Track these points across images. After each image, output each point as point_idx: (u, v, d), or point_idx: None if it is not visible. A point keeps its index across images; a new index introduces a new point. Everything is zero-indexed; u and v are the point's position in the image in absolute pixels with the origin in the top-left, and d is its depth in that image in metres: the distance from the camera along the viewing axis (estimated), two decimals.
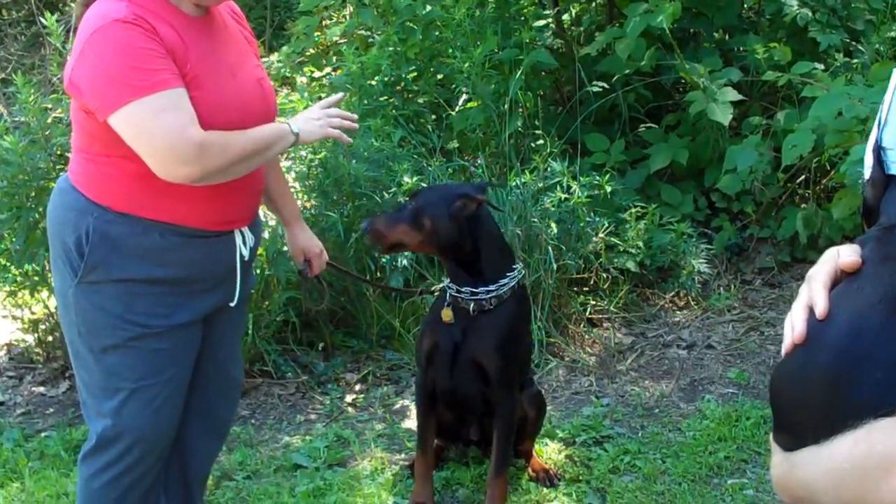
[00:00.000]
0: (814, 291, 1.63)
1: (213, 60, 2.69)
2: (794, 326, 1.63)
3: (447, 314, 3.47)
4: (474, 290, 3.41)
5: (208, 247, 2.79)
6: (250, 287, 3.14)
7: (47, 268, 4.53)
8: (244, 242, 2.88)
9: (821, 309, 1.59)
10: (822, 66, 5.33)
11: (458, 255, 3.42)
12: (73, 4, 6.93)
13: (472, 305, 3.42)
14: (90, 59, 2.51)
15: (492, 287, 3.42)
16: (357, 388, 4.72)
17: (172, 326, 2.79)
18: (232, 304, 2.94)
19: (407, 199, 3.53)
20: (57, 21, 4.65)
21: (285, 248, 4.62)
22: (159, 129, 2.49)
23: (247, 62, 2.85)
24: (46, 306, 4.85)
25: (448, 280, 3.48)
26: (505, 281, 3.43)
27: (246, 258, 2.89)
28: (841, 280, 1.66)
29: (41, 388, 4.77)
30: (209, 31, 2.74)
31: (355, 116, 2.98)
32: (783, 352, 1.65)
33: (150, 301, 2.73)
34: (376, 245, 3.59)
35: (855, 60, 5.49)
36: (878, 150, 1.72)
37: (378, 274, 4.84)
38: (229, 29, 2.85)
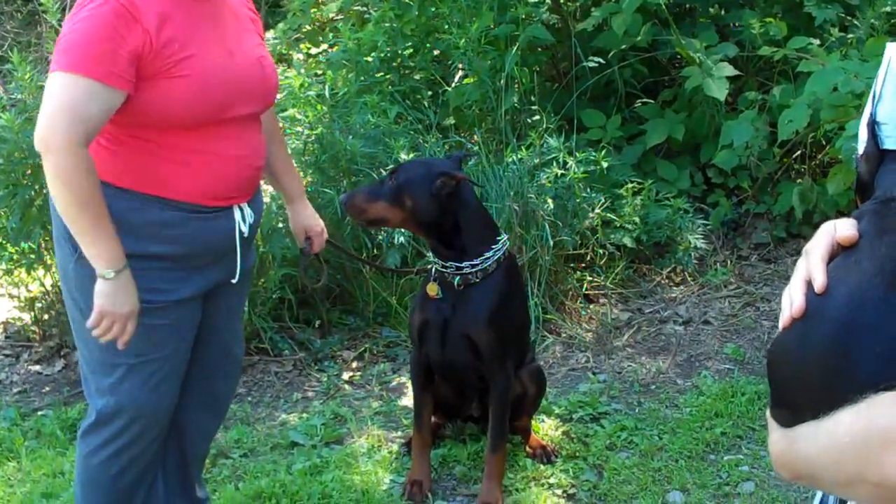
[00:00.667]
0: (812, 265, 1.62)
1: (211, 40, 2.69)
2: (792, 300, 1.62)
3: (433, 289, 3.48)
4: (458, 264, 3.42)
5: (207, 222, 2.78)
6: (251, 264, 3.13)
7: (43, 246, 4.53)
8: (243, 218, 2.86)
9: (819, 283, 1.58)
10: (817, 41, 5.31)
11: (439, 232, 3.43)
12: None
13: (456, 280, 3.42)
14: (64, 28, 2.56)
15: (476, 261, 3.42)
16: (354, 365, 4.71)
17: (172, 302, 2.78)
18: (234, 281, 2.93)
19: (388, 175, 3.50)
20: None
21: (280, 225, 4.63)
22: (54, 108, 2.50)
23: (247, 41, 2.85)
24: (43, 284, 4.83)
25: (431, 255, 3.50)
26: (489, 254, 3.43)
27: (245, 234, 2.87)
28: (838, 254, 1.65)
29: (37, 367, 4.76)
30: (210, 10, 2.73)
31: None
32: (781, 326, 1.64)
33: (149, 277, 2.71)
34: (356, 219, 3.59)
35: (850, 35, 5.46)
36: (873, 125, 1.71)
37: (375, 251, 4.83)
38: (231, 8, 2.84)
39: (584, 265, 5.20)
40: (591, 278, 5.16)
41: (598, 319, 4.97)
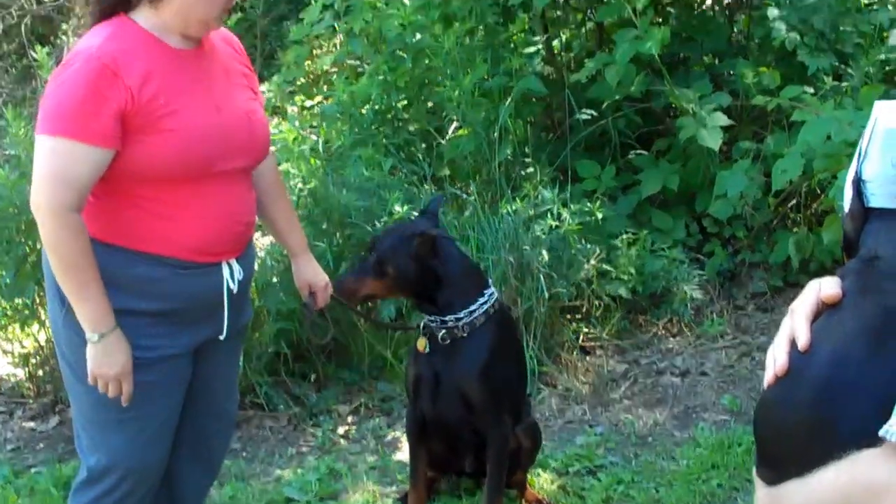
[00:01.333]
0: (796, 324, 1.65)
1: (197, 95, 2.71)
2: (776, 359, 1.65)
3: (421, 343, 3.50)
4: (443, 318, 3.43)
5: (195, 279, 2.78)
6: (245, 320, 3.13)
7: (38, 301, 4.54)
8: (232, 275, 2.85)
9: (803, 341, 1.61)
10: (811, 90, 5.36)
11: (424, 290, 3.46)
12: (63, 37, 6.99)
13: (441, 333, 3.44)
14: (48, 89, 2.60)
15: (461, 314, 3.43)
16: (349, 419, 4.71)
17: (159, 358, 2.78)
18: (221, 338, 2.92)
19: (367, 251, 3.57)
20: (48, 54, 4.68)
21: (275, 280, 4.65)
22: (39, 171, 2.56)
23: (237, 96, 2.86)
24: (37, 340, 4.84)
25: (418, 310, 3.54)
26: (474, 307, 3.44)
27: (234, 291, 2.87)
28: (823, 312, 1.68)
29: (31, 423, 4.76)
30: (196, 64, 2.75)
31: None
32: (765, 384, 1.67)
33: (136, 332, 2.71)
34: (349, 302, 3.62)
35: (845, 84, 5.51)
36: (858, 183, 1.74)
37: (370, 304, 4.85)
38: (221, 62, 2.86)
39: (579, 316, 5.22)
40: (587, 330, 5.17)
41: (595, 371, 4.98)
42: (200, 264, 2.78)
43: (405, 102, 6.03)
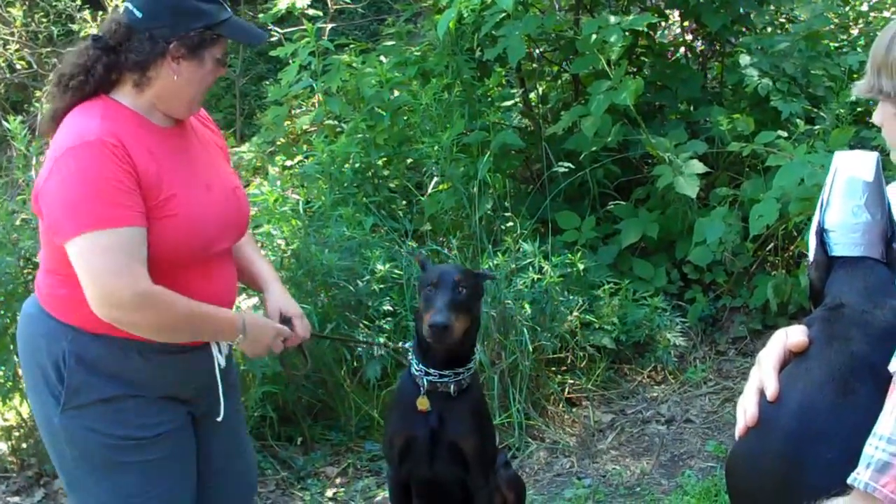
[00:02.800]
0: (764, 374, 1.69)
1: (188, 175, 2.71)
2: (746, 410, 1.68)
3: (424, 403, 3.35)
4: (457, 371, 3.34)
5: (187, 361, 2.78)
6: (237, 395, 3.12)
7: (19, 373, 4.53)
8: (220, 351, 2.85)
9: (771, 391, 1.65)
10: (785, 134, 5.43)
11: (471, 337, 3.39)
12: (37, 105, 7.03)
13: (452, 388, 3.34)
14: (56, 180, 2.51)
15: (470, 365, 3.42)
16: (338, 481, 4.70)
17: (165, 434, 2.76)
18: (218, 419, 2.88)
19: (438, 284, 3.29)
20: (21, 122, 4.70)
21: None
22: (101, 269, 2.49)
23: (220, 171, 2.87)
24: (19, 413, 4.83)
25: (418, 365, 3.36)
26: (474, 357, 3.44)
27: (223, 366, 2.85)
28: (790, 360, 1.71)
29: (16, 498, 4.72)
30: (181, 142, 2.76)
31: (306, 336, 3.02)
32: (737, 436, 1.70)
33: (137, 412, 2.71)
34: (448, 340, 3.25)
35: (817, 127, 5.59)
36: (821, 233, 1.78)
37: (354, 364, 4.86)
38: (199, 136, 2.86)
39: (564, 368, 5.24)
40: (572, 381, 5.19)
41: (581, 423, 4.99)
42: (192, 346, 2.77)
43: (385, 160, 6.08)
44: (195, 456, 2.90)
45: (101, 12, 7.28)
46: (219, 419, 2.88)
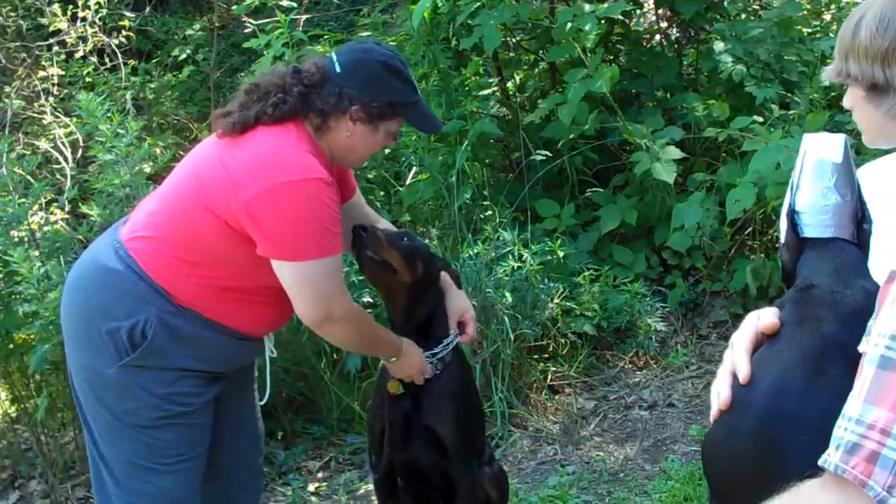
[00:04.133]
0: (736, 357, 1.69)
1: None
2: (719, 393, 1.68)
3: (394, 386, 3.34)
4: (434, 351, 3.32)
5: (247, 348, 3.03)
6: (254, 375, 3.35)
7: None
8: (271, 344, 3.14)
9: (744, 374, 1.65)
10: (760, 119, 5.45)
11: (422, 313, 3.35)
12: (6, 100, 6.97)
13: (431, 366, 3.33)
14: (283, 204, 2.70)
15: (437, 349, 3.40)
16: (319, 475, 4.70)
17: (205, 403, 2.97)
18: (262, 403, 3.27)
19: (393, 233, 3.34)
20: None
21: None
22: (327, 290, 2.81)
23: None
24: None
25: None
26: (447, 341, 3.41)
27: (274, 355, 3.14)
28: (763, 343, 1.71)
29: None
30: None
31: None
32: (711, 419, 1.70)
33: (189, 383, 2.90)
34: (365, 252, 3.22)
35: (791, 111, 5.60)
36: (792, 214, 1.78)
37: (335, 356, 4.85)
38: None
39: (546, 356, 5.25)
40: (554, 368, 5.20)
41: (564, 410, 5.00)
42: (255, 337, 3.03)
43: None
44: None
45: (70, 6, 7.22)
46: (262, 402, 3.27)
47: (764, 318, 1.73)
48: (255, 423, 3.33)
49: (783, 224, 1.83)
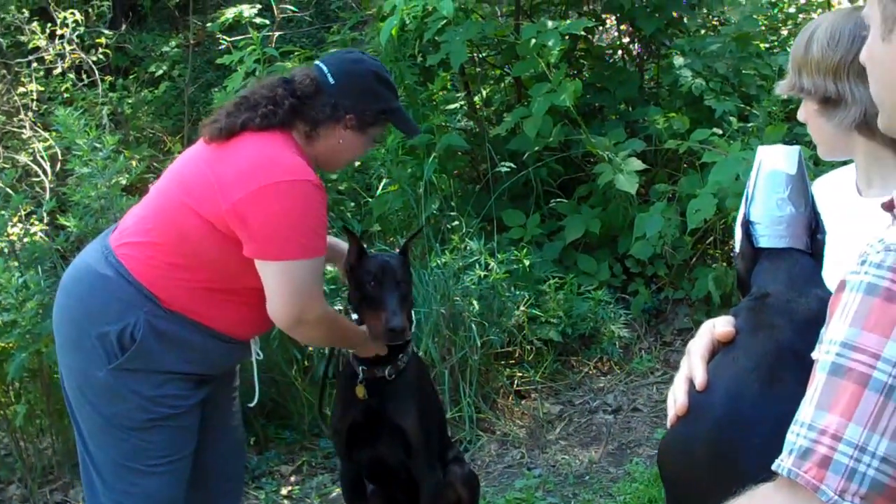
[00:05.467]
0: (692, 364, 1.68)
1: None
2: (676, 399, 1.67)
3: (361, 390, 3.30)
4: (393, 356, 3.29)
5: (234, 350, 3.00)
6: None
7: None
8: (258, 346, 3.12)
9: (700, 380, 1.64)
10: (719, 131, 5.47)
11: None
12: None
13: (388, 371, 3.28)
14: (272, 204, 2.69)
15: (408, 349, 3.37)
16: (292, 479, 4.66)
17: (193, 405, 2.94)
18: (251, 405, 3.27)
19: (384, 279, 3.21)
20: None
21: None
22: (306, 291, 2.77)
23: None
24: None
25: (353, 355, 3.30)
26: (410, 342, 3.39)
27: (260, 358, 3.12)
28: (719, 350, 1.70)
29: None
30: None
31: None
32: (668, 424, 1.69)
33: (177, 386, 2.87)
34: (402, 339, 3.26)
35: (750, 124, 5.63)
36: (747, 225, 1.78)
37: (306, 363, 4.83)
38: None
39: (513, 362, 5.24)
40: (520, 374, 5.19)
41: (531, 414, 4.99)
42: (243, 340, 3.00)
43: None
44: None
45: (49, 24, 7.18)
46: (252, 404, 3.26)
47: (719, 326, 1.72)
48: (237, 427, 3.29)
49: (738, 234, 1.82)
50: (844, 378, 1.23)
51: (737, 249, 1.82)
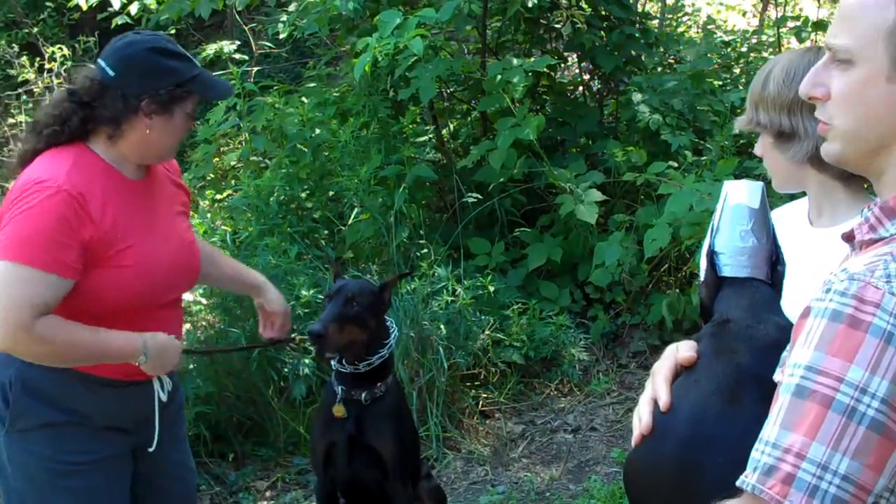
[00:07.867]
0: (657, 386, 1.68)
1: (148, 227, 2.65)
2: (641, 419, 1.67)
3: (339, 410, 3.29)
4: (371, 382, 3.28)
5: (128, 394, 2.70)
6: (182, 423, 3.03)
7: None
8: (162, 387, 2.76)
9: (664, 401, 1.64)
10: (675, 165, 5.51)
11: (376, 346, 3.30)
12: None
13: (364, 395, 3.28)
14: (17, 205, 2.45)
15: (387, 379, 3.35)
16: (268, 494, 4.62)
17: (101, 459, 2.67)
18: (151, 450, 2.77)
19: (334, 296, 3.25)
20: None
21: (192, 366, 4.59)
22: (14, 299, 2.40)
23: (179, 225, 2.81)
24: None
25: (334, 376, 3.32)
26: (392, 373, 3.38)
27: (164, 400, 2.77)
28: (682, 373, 1.71)
29: None
30: (146, 195, 2.70)
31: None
32: (633, 443, 1.69)
33: (79, 439, 2.63)
34: (328, 351, 3.22)
35: (704, 157, 5.68)
36: (712, 255, 1.79)
37: (282, 383, 4.80)
38: (164, 189, 2.80)
39: (478, 383, 5.23)
40: (485, 395, 5.19)
41: (495, 434, 4.98)
42: (139, 382, 2.70)
43: (307, 192, 6.04)
44: (129, 485, 2.80)
45: (38, 58, 7.15)
46: (151, 449, 2.77)
47: (682, 350, 1.72)
48: (184, 482, 3.01)
49: (703, 263, 1.83)
50: (808, 399, 1.24)
51: (701, 278, 1.83)
